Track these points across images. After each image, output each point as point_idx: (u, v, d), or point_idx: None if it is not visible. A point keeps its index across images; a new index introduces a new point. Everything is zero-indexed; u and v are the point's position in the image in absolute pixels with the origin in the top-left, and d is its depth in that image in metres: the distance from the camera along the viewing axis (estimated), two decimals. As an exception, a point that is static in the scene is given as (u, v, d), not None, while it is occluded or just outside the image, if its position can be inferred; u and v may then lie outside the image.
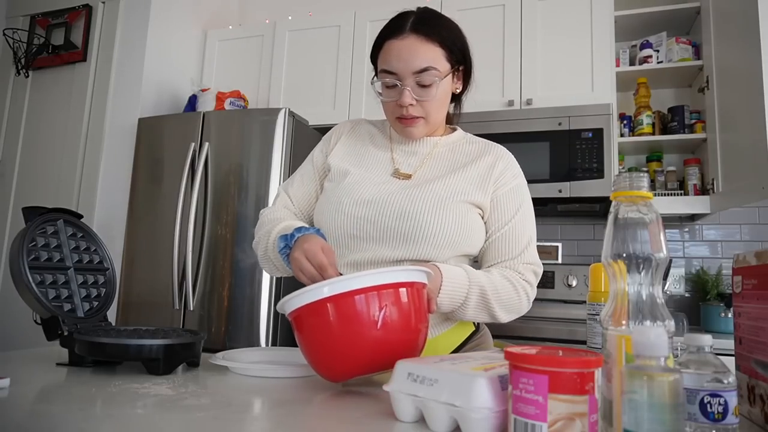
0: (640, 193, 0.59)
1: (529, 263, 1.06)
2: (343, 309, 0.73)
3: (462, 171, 1.08)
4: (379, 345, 0.74)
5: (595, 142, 2.28)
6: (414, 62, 1.00)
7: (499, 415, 0.55)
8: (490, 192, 1.06)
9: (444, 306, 0.95)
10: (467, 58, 1.09)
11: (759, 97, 1.81)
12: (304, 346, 0.78)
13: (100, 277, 1.09)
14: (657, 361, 0.49)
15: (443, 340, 1.08)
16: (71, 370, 0.91)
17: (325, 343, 0.75)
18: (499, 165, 1.09)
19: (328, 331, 0.74)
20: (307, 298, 0.75)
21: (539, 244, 2.72)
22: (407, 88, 1.01)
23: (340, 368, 0.76)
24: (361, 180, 1.08)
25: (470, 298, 0.97)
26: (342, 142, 1.17)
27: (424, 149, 1.12)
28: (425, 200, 1.02)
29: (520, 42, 2.54)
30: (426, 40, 1.01)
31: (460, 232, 1.01)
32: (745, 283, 0.72)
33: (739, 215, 2.49)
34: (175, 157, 2.48)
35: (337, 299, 0.73)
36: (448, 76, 1.04)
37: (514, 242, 1.06)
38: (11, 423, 0.61)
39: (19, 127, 2.94)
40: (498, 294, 1.00)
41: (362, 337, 0.73)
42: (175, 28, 2.94)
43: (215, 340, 2.19)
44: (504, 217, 1.06)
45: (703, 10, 2.41)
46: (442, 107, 1.07)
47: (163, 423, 0.62)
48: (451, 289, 0.94)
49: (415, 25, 1.02)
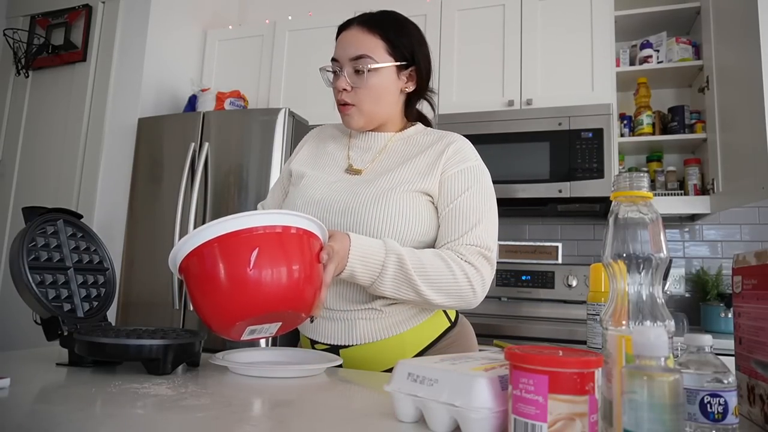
0: (641, 193, 0.59)
1: (473, 244, 1.01)
2: (218, 252, 0.76)
3: (411, 162, 1.09)
4: (255, 286, 0.76)
5: (595, 142, 2.28)
6: (350, 49, 1.07)
7: (499, 415, 0.55)
8: (437, 176, 1.06)
9: (359, 274, 0.93)
10: (419, 59, 1.11)
11: (759, 97, 1.81)
12: (192, 300, 0.80)
13: (100, 277, 1.09)
14: (657, 361, 0.49)
15: (411, 337, 1.06)
16: (71, 370, 0.91)
17: (206, 290, 0.77)
18: (449, 151, 1.08)
19: (207, 276, 0.76)
20: (186, 247, 0.78)
21: (539, 244, 2.73)
22: (343, 74, 1.07)
23: (223, 314, 0.78)
24: (314, 181, 1.12)
25: (387, 268, 0.94)
26: (305, 148, 1.24)
27: (378, 144, 1.15)
28: (368, 194, 1.04)
29: (520, 42, 2.54)
30: (367, 31, 1.07)
31: (403, 221, 1.01)
32: (745, 283, 0.72)
33: (739, 215, 2.49)
34: (175, 157, 2.48)
35: (211, 244, 0.76)
36: (387, 69, 1.07)
37: (458, 222, 1.03)
38: (11, 423, 0.61)
39: (19, 127, 2.94)
40: (424, 269, 0.96)
41: (237, 278, 0.75)
42: (175, 28, 2.94)
43: (215, 340, 2.19)
44: (448, 198, 1.05)
45: (703, 10, 2.41)
46: (378, 99, 1.09)
47: (163, 423, 0.62)
48: (362, 255, 0.93)
49: (364, 18, 1.09)
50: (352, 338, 1.05)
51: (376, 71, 1.06)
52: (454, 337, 1.11)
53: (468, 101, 2.58)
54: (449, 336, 1.11)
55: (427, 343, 1.07)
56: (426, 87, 1.17)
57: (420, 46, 1.12)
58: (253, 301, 0.77)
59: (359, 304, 1.05)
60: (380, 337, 1.04)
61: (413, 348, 1.06)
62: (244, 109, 2.72)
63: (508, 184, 2.38)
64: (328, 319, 1.07)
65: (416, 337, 1.07)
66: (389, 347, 1.05)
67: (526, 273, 2.60)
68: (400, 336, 1.05)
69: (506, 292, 2.61)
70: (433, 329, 1.09)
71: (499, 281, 2.63)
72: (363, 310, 1.04)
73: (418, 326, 1.07)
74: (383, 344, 1.04)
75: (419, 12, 2.73)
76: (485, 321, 2.16)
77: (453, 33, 2.67)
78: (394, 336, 1.05)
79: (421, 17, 2.73)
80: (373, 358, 1.04)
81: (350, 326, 1.05)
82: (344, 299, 1.05)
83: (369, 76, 1.06)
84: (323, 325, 1.07)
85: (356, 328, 1.05)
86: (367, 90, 1.07)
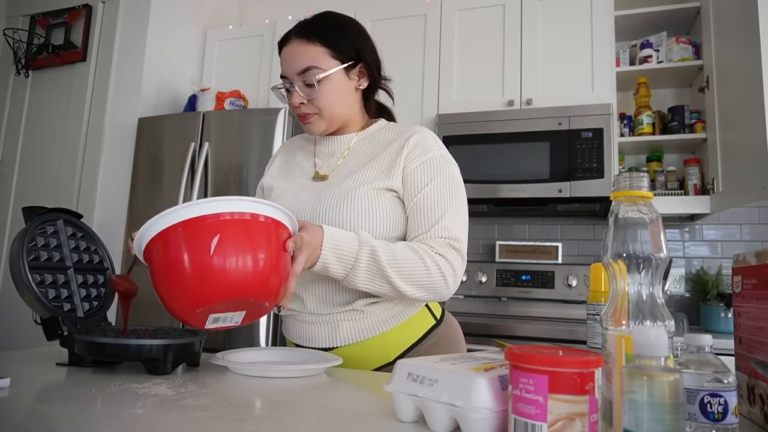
0: (641, 193, 0.59)
1: (443, 237, 1.01)
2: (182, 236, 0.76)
3: (374, 161, 1.09)
4: (217, 272, 0.75)
5: (595, 142, 2.28)
6: (296, 64, 1.06)
7: (499, 415, 0.55)
8: (400, 171, 1.06)
9: (333, 266, 0.93)
10: (363, 54, 1.10)
11: (759, 97, 1.81)
12: (154, 285, 0.80)
13: (100, 277, 1.09)
14: (657, 361, 0.49)
15: (395, 336, 1.06)
16: (71, 370, 0.91)
17: (167, 276, 0.77)
18: (409, 143, 1.08)
19: (169, 261, 0.76)
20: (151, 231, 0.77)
21: (539, 244, 2.73)
22: (295, 89, 1.07)
23: (184, 301, 0.77)
24: (283, 193, 1.13)
25: (360, 260, 0.94)
26: (276, 162, 1.25)
27: (341, 147, 1.16)
28: (332, 197, 1.04)
29: (520, 42, 2.54)
30: (306, 42, 1.06)
31: (370, 219, 1.02)
32: (745, 283, 0.72)
33: (739, 215, 2.49)
34: (175, 157, 2.48)
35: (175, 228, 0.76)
36: (336, 73, 1.07)
37: (424, 215, 1.03)
38: (11, 423, 0.61)
39: (19, 127, 2.94)
40: (397, 261, 0.96)
41: (198, 264, 0.75)
42: (175, 28, 2.94)
43: (215, 340, 2.19)
44: (412, 191, 1.05)
45: (703, 10, 2.41)
46: (336, 103, 1.09)
47: (163, 423, 0.62)
48: (335, 246, 0.92)
49: (300, 29, 1.08)
50: (335, 340, 1.06)
51: (326, 79, 1.05)
52: (440, 335, 1.11)
53: (468, 101, 2.58)
54: (435, 334, 1.10)
55: (412, 342, 1.07)
56: (379, 78, 1.16)
57: (362, 40, 1.11)
58: (214, 287, 0.76)
59: (340, 306, 1.05)
60: (363, 337, 1.05)
61: (398, 347, 1.06)
62: (244, 109, 2.72)
63: (508, 184, 2.38)
64: (311, 323, 1.08)
65: (400, 336, 1.06)
66: (373, 347, 1.05)
67: (526, 273, 2.60)
68: (383, 335, 1.05)
69: (506, 292, 2.61)
70: (418, 327, 1.09)
71: (499, 281, 2.63)
72: (345, 312, 1.05)
73: (402, 324, 1.07)
74: (367, 344, 1.05)
75: (419, 12, 2.73)
76: (485, 321, 2.16)
77: (453, 33, 2.67)
78: (378, 335, 1.05)
79: (421, 17, 2.73)
80: (358, 359, 1.05)
81: (333, 328, 1.06)
82: (325, 302, 1.06)
83: (320, 86, 1.05)
84: (306, 329, 1.08)
85: (339, 330, 1.05)
86: (322, 98, 1.07)
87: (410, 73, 2.68)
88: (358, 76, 1.12)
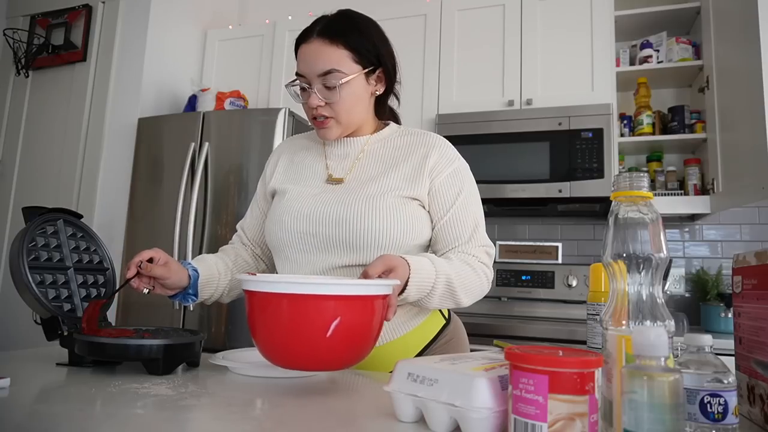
0: (641, 193, 0.59)
1: (481, 245, 1.08)
2: (300, 309, 0.74)
3: (395, 168, 1.08)
4: (325, 351, 0.75)
5: (595, 142, 2.28)
6: (317, 65, 1.03)
7: (499, 415, 0.55)
8: (426, 184, 1.07)
9: (411, 296, 0.94)
10: (384, 60, 1.09)
11: (759, 97, 1.81)
12: (255, 328, 0.78)
13: (100, 277, 1.09)
14: (657, 361, 0.49)
15: (413, 338, 1.08)
16: (71, 370, 0.91)
17: (276, 332, 0.75)
18: (433, 155, 1.09)
19: (283, 321, 0.74)
20: (272, 288, 0.75)
21: (539, 244, 2.73)
22: (314, 91, 1.04)
23: (282, 358, 0.77)
24: (298, 195, 1.10)
25: (437, 288, 0.97)
26: (280, 164, 1.21)
27: (355, 150, 1.14)
28: (358, 203, 1.03)
29: (520, 42, 2.54)
30: (330, 43, 1.03)
31: (399, 227, 1.02)
32: (745, 283, 0.72)
33: (739, 215, 2.49)
34: (175, 157, 2.48)
35: (297, 298, 0.74)
36: (357, 78, 1.05)
37: (461, 227, 1.07)
38: (11, 423, 0.61)
39: (19, 127, 2.94)
40: (462, 280, 1.01)
41: (310, 340, 0.74)
42: (175, 28, 2.94)
43: (215, 340, 2.19)
44: (445, 205, 1.07)
45: (703, 10, 2.41)
46: (353, 108, 1.08)
47: (162, 423, 0.62)
48: (419, 280, 0.94)
49: (323, 28, 1.05)
50: None
51: (346, 84, 1.03)
52: (450, 333, 1.15)
53: (468, 101, 2.58)
54: (446, 333, 1.14)
55: (426, 342, 1.09)
56: (394, 83, 1.15)
57: (383, 45, 1.10)
58: (320, 363, 0.77)
59: None
60: (385, 340, 1.05)
61: (415, 347, 1.08)
62: (244, 109, 2.72)
63: (508, 184, 2.38)
64: None
65: (418, 337, 1.08)
66: (394, 349, 1.06)
67: (526, 273, 2.60)
68: (402, 338, 1.07)
69: (506, 292, 2.61)
70: (432, 328, 1.11)
71: (499, 281, 2.63)
72: None
73: (419, 326, 1.09)
74: (388, 347, 1.06)
75: (419, 12, 2.74)
76: (485, 321, 2.16)
77: (453, 33, 2.67)
78: (398, 338, 1.06)
79: (421, 17, 2.73)
80: (378, 362, 1.05)
81: None
82: None
83: (341, 90, 1.03)
84: None
85: None
86: (341, 103, 1.05)
87: (410, 74, 2.68)
88: (376, 81, 1.10)
